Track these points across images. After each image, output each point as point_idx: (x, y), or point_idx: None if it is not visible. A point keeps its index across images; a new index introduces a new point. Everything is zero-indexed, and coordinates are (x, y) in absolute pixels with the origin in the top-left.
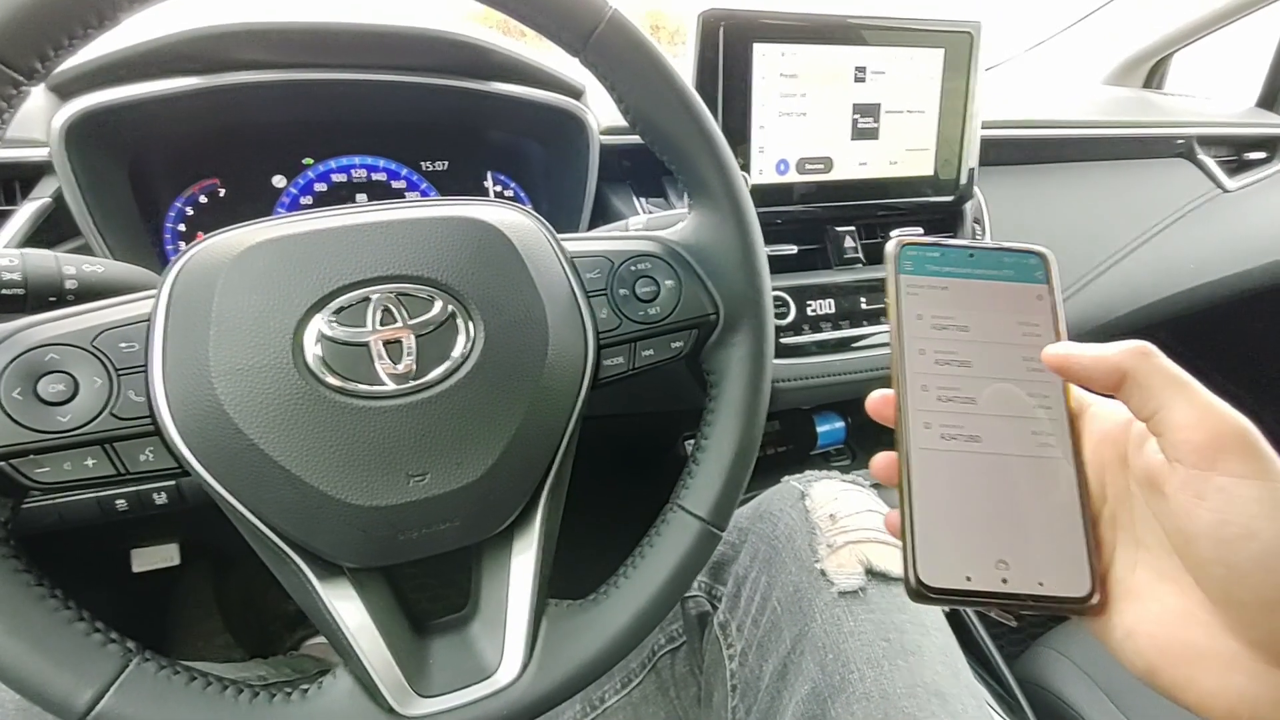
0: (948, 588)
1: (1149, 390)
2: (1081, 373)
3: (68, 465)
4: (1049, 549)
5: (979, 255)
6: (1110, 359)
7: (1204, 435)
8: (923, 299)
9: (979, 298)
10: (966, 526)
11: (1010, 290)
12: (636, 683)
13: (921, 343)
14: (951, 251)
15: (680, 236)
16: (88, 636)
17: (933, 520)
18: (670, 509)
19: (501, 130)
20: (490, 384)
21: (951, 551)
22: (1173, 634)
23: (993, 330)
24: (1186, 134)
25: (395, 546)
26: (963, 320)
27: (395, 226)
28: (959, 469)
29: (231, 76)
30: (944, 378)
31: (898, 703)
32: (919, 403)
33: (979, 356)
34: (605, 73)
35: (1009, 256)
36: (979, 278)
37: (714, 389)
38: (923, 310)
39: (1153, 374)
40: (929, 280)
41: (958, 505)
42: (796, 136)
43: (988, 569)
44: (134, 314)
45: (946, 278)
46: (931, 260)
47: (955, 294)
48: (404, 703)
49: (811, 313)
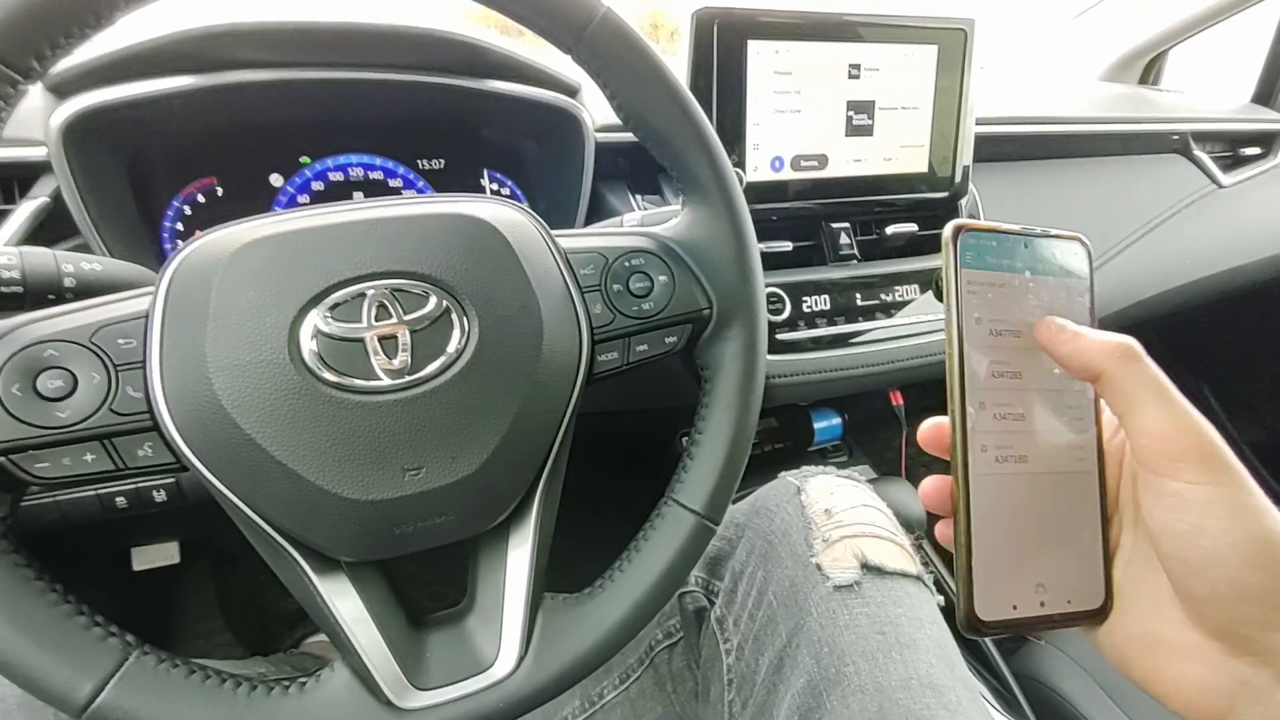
0: (998, 620)
1: (1122, 394)
2: (1060, 360)
3: (67, 460)
4: (1077, 565)
5: (1032, 245)
6: (1088, 357)
7: (1164, 445)
8: (980, 299)
9: (1030, 297)
10: (1016, 553)
11: (1057, 287)
12: (634, 678)
13: (980, 352)
14: (1008, 240)
15: (674, 232)
16: (88, 630)
17: (991, 551)
18: (665, 503)
19: (497, 128)
20: (485, 379)
21: (1002, 581)
22: (1143, 626)
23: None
24: (1182, 130)
25: (391, 540)
26: (1016, 324)
27: (390, 223)
28: (1010, 493)
29: (229, 76)
30: (999, 392)
31: (893, 695)
32: (978, 423)
33: (1028, 366)
34: (598, 70)
35: (1057, 247)
36: (1031, 271)
37: (708, 384)
38: (981, 313)
39: (1128, 379)
40: (987, 276)
41: (1010, 532)
42: (791, 133)
43: (1029, 594)
44: (132, 310)
45: (1002, 272)
46: (989, 251)
47: (1010, 293)
48: (401, 695)
49: (807, 309)
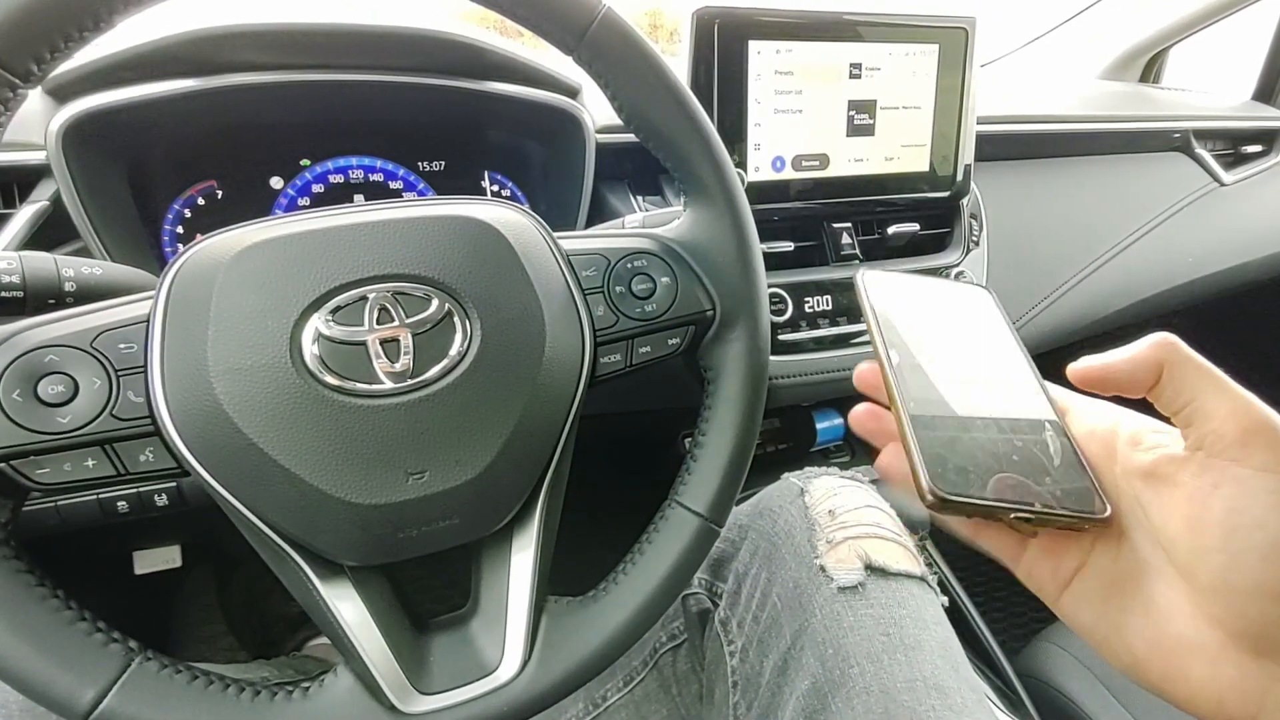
0: (959, 495)
1: (1181, 382)
2: (1121, 378)
3: (68, 466)
4: (1056, 475)
5: (934, 287)
6: (1147, 356)
7: (1235, 428)
8: (893, 310)
9: (941, 320)
10: (969, 445)
11: (969, 320)
12: (638, 680)
13: (901, 337)
14: (911, 282)
15: (676, 234)
16: (90, 636)
17: (935, 437)
18: (668, 505)
19: (498, 130)
20: (487, 382)
21: (957, 465)
22: (1161, 627)
23: (964, 345)
24: (1183, 128)
25: (395, 544)
26: (935, 329)
27: (391, 226)
28: (953, 394)
29: (228, 78)
30: (925, 359)
31: (897, 697)
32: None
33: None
34: (599, 70)
35: (960, 290)
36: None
37: (711, 385)
38: (894, 318)
39: (1184, 365)
40: (896, 302)
41: (956, 423)
42: (792, 133)
43: (998, 483)
44: (133, 315)
45: (911, 307)
46: (895, 288)
47: (920, 314)
48: (405, 700)
49: (809, 309)
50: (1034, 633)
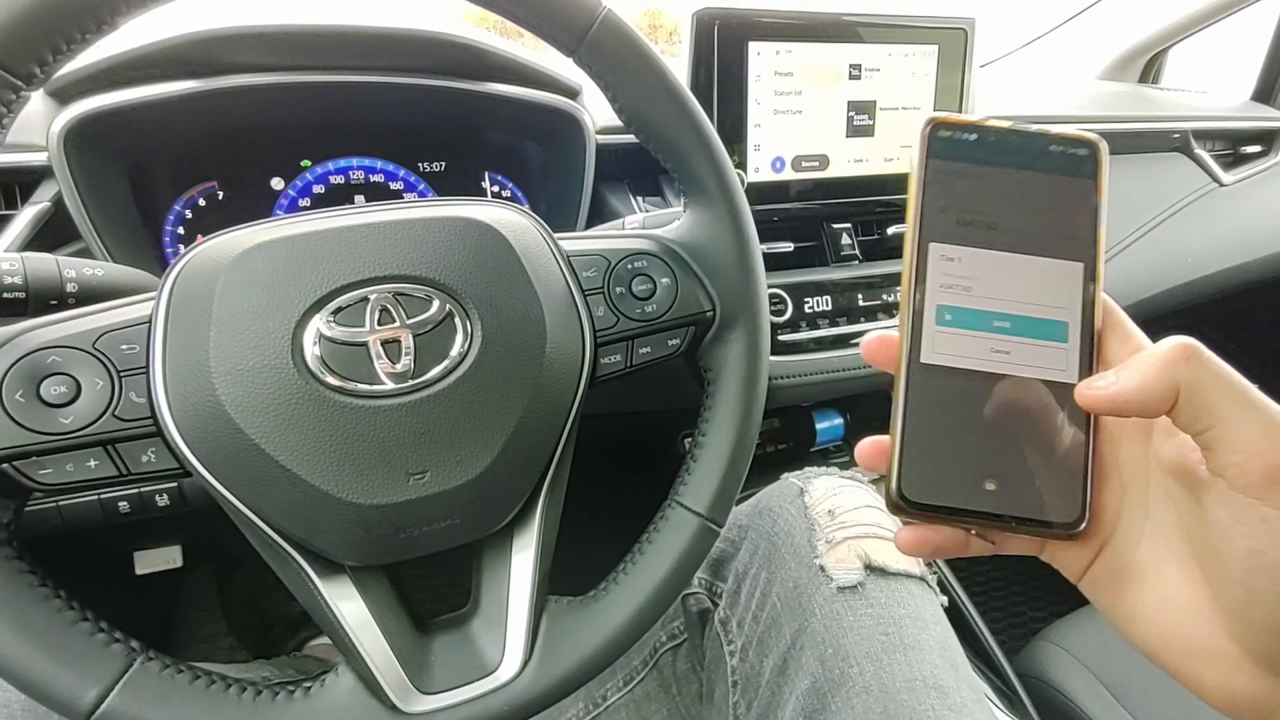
0: (927, 503)
1: (1200, 405)
2: (1135, 409)
3: (70, 467)
4: (1043, 473)
5: (1023, 141)
6: (1160, 382)
7: (1261, 465)
8: (948, 189)
9: (1013, 190)
10: (957, 445)
11: (1052, 185)
12: (638, 680)
13: (940, 242)
14: (991, 135)
15: (676, 234)
16: (92, 636)
17: (922, 435)
18: (669, 505)
19: (498, 131)
20: (488, 382)
21: (937, 468)
22: (1177, 627)
23: (1023, 233)
24: (1182, 128)
25: (396, 544)
26: (991, 216)
27: (392, 227)
28: (959, 385)
29: (229, 80)
30: (958, 285)
31: (897, 696)
32: (928, 314)
33: (1001, 265)
34: (599, 72)
35: (1057, 145)
36: (1019, 167)
37: (711, 386)
38: (949, 202)
39: (1204, 384)
40: (960, 167)
41: (951, 423)
42: (792, 134)
43: (973, 490)
44: (135, 316)
45: (979, 165)
46: (966, 145)
47: (987, 185)
48: (406, 699)
49: (809, 310)
50: (1033, 632)
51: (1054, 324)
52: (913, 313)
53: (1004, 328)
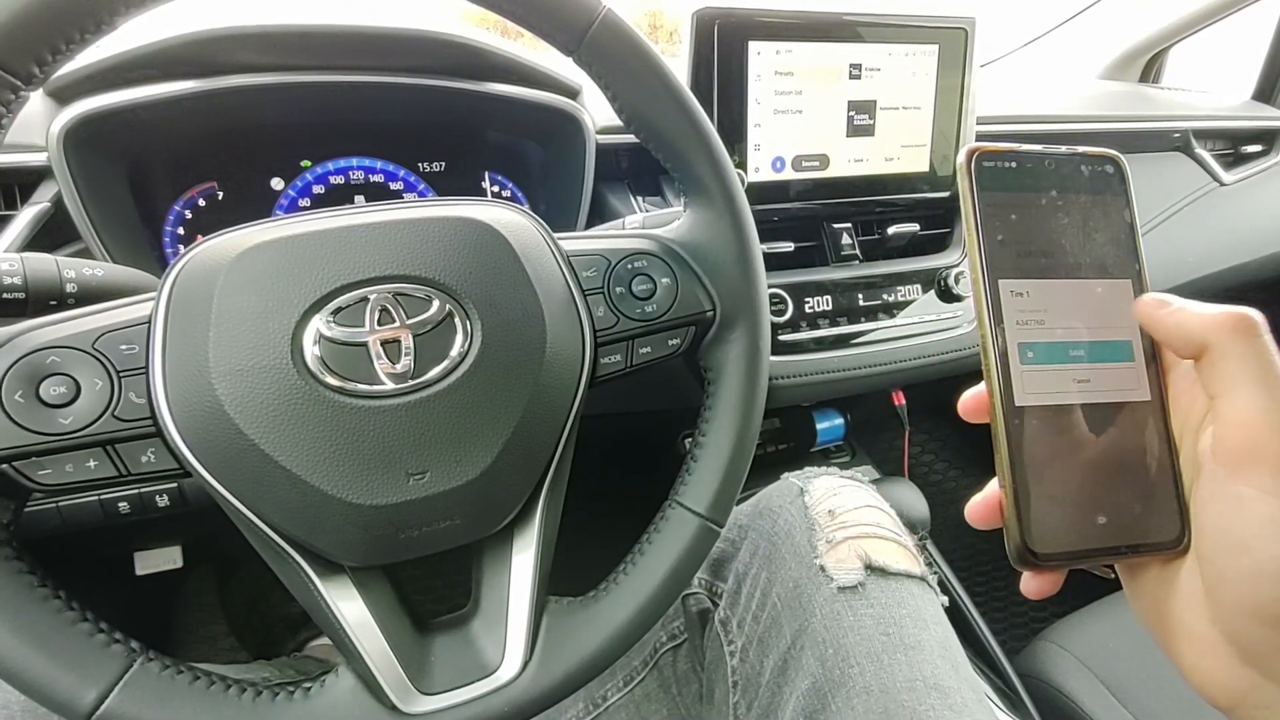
0: (1054, 553)
1: (1219, 370)
2: (1162, 333)
3: (70, 467)
4: (1143, 498)
5: (1057, 164)
6: (1193, 329)
7: (1242, 439)
8: (1004, 221)
9: (1060, 215)
10: (1068, 486)
11: (1090, 205)
12: (638, 680)
13: (1009, 278)
14: (1029, 161)
15: (676, 234)
16: (91, 637)
17: (1033, 483)
18: (669, 505)
19: (498, 131)
20: (488, 382)
21: (1055, 514)
22: (1167, 604)
23: (1075, 257)
24: (1183, 127)
25: (396, 545)
26: (1046, 245)
27: (392, 227)
28: (1055, 423)
29: (228, 80)
30: (1032, 320)
31: (898, 697)
32: (1013, 354)
33: (1064, 293)
34: (599, 72)
35: (1087, 165)
36: (1058, 190)
37: (711, 386)
38: (1006, 235)
39: (1231, 354)
40: (1008, 198)
41: (1056, 464)
42: (792, 134)
43: (1088, 528)
44: (134, 316)
45: (1025, 193)
46: (1008, 174)
47: (1036, 214)
48: (406, 700)
49: (809, 310)
50: (1034, 632)
51: (1121, 344)
52: (998, 355)
53: (1080, 356)
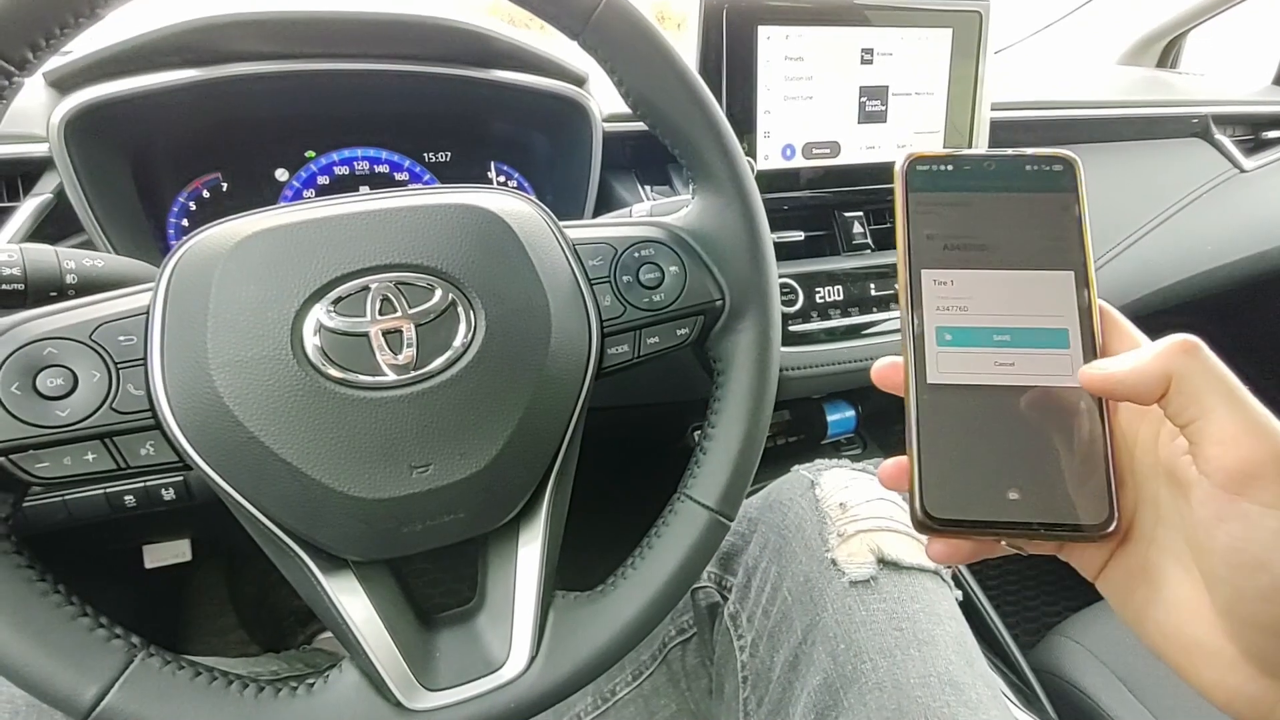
0: (953, 518)
1: (1189, 396)
2: (1127, 392)
3: (67, 460)
4: (1067, 478)
5: (1000, 165)
6: (1153, 368)
7: (1237, 457)
8: (936, 217)
9: (999, 213)
10: (976, 458)
11: (1033, 203)
12: (647, 674)
13: (931, 268)
14: (967, 163)
15: (684, 222)
16: (91, 632)
17: (939, 453)
18: (678, 498)
19: (504, 120)
20: (492, 373)
21: (958, 483)
22: (1179, 625)
23: (1011, 250)
24: (1202, 113)
25: (399, 539)
26: (979, 238)
27: (393, 214)
28: (969, 401)
29: (231, 68)
30: (954, 306)
31: (911, 693)
32: (929, 336)
33: (994, 282)
34: (605, 56)
35: (1031, 164)
36: (999, 190)
37: (721, 376)
38: (935, 229)
39: (1195, 376)
40: (941, 197)
41: (967, 438)
42: (803, 121)
43: (997, 501)
44: (132, 307)
45: (960, 193)
46: (945, 175)
47: (970, 210)
48: (410, 696)
49: (820, 300)
50: (1046, 626)
51: (1053, 331)
52: (913, 336)
53: (1004, 341)
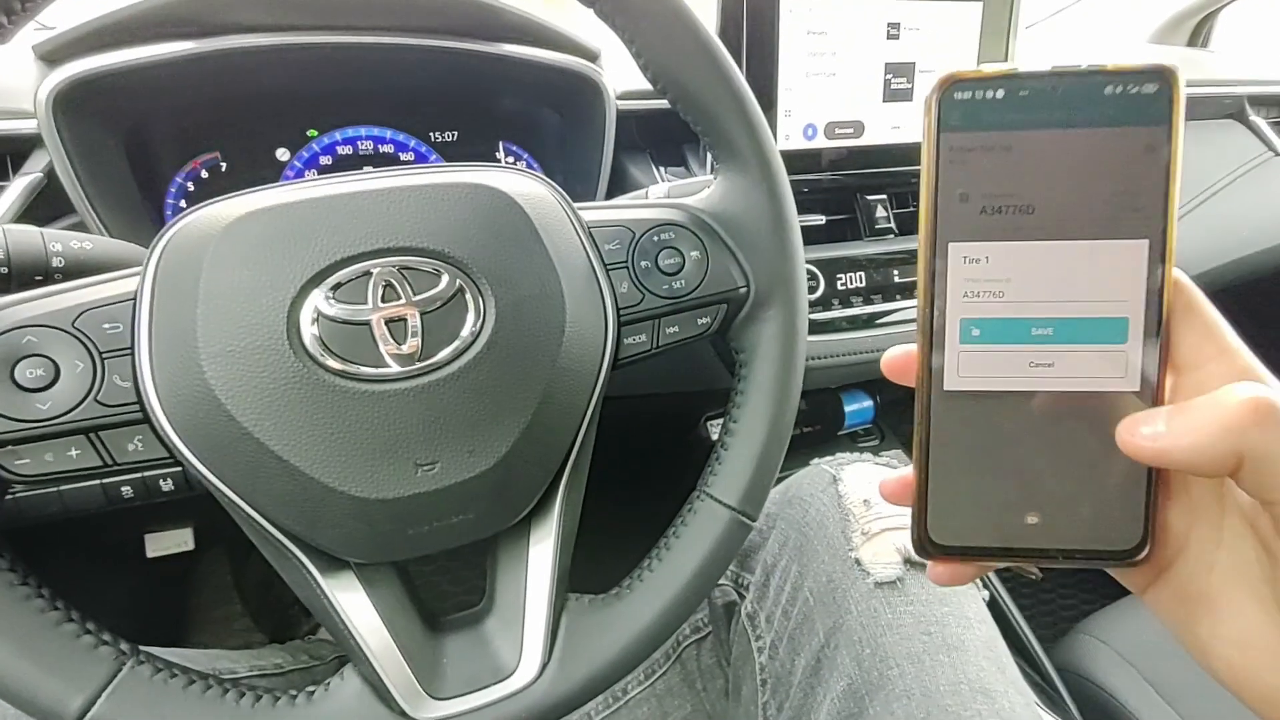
0: (957, 545)
1: (1272, 478)
2: (1184, 468)
3: (49, 456)
4: (1097, 500)
5: (1068, 89)
6: (1220, 445)
7: None
8: (973, 169)
9: (1059, 159)
10: (994, 480)
11: (1107, 143)
12: (661, 673)
13: (961, 240)
14: (1024, 86)
15: (706, 204)
16: (78, 639)
17: (950, 472)
18: (698, 497)
19: (514, 97)
20: (503, 365)
21: (970, 507)
22: (1259, 672)
23: (1070, 213)
24: (1236, 94)
25: (404, 541)
26: (1028, 197)
27: (397, 194)
28: (992, 411)
29: (229, 40)
30: (987, 291)
31: (940, 701)
32: (950, 332)
33: (1042, 258)
34: (622, 24)
35: (1113, 84)
36: (1061, 125)
37: (743, 369)
38: (971, 186)
39: (1275, 455)
40: (987, 138)
41: (985, 455)
42: (825, 99)
43: (1014, 526)
44: (118, 292)
45: (1010, 131)
46: (992, 106)
47: (1019, 157)
48: (416, 705)
49: (841, 287)
50: (1062, 620)
51: (1109, 322)
52: (931, 331)
53: (1045, 335)
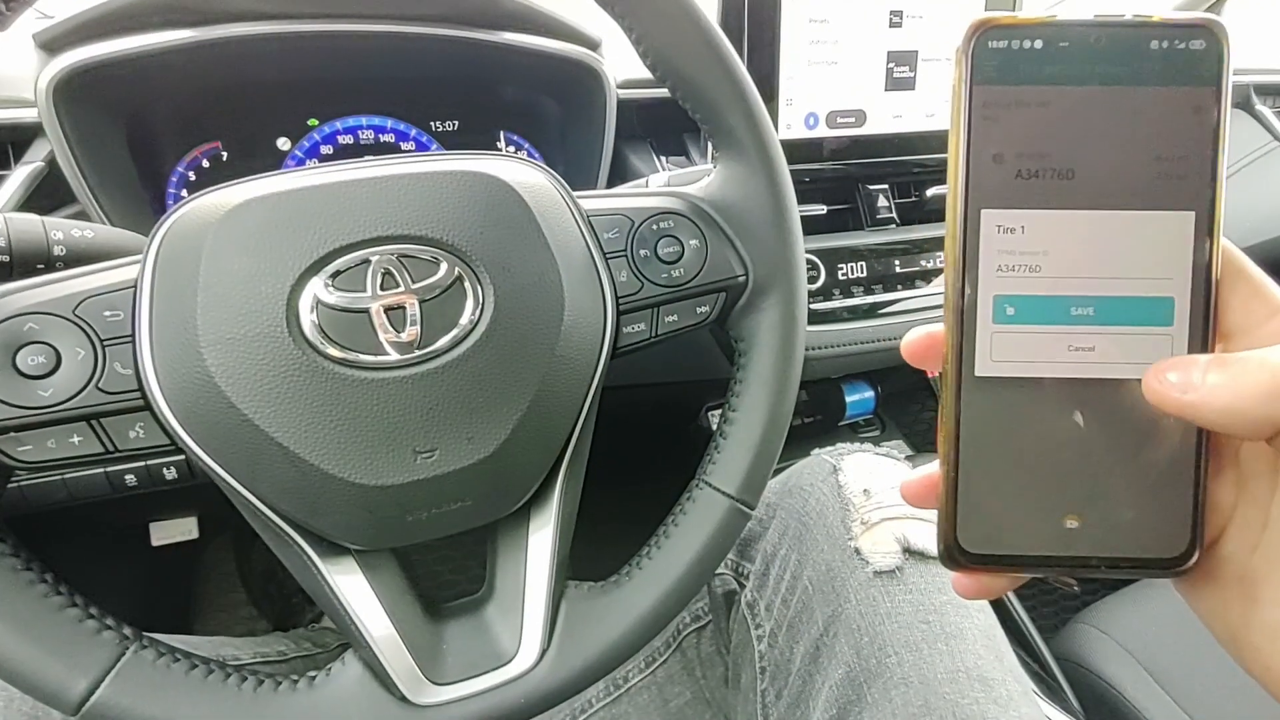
0: (992, 554)
1: None
2: (1215, 426)
3: (51, 443)
4: (1141, 501)
5: (1111, 41)
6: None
7: None
8: (1008, 127)
9: (1101, 119)
10: (1030, 478)
11: (1151, 101)
12: (661, 661)
13: (996, 207)
14: (1064, 37)
15: (706, 193)
16: (81, 623)
17: (981, 470)
18: (697, 485)
19: (514, 86)
20: (502, 353)
21: (1004, 510)
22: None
23: (1112, 179)
24: (1242, 82)
25: (403, 528)
26: (1067, 160)
27: (397, 182)
28: (1027, 400)
29: (230, 28)
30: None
31: (938, 689)
32: (982, 310)
33: (1082, 228)
34: (622, 11)
35: (1159, 39)
36: (1102, 81)
37: (743, 357)
38: (1005, 146)
39: None
40: (1023, 94)
41: (1019, 450)
42: (827, 87)
43: (1052, 532)
44: (119, 280)
45: (1048, 85)
46: (1029, 58)
47: (1057, 115)
48: (416, 691)
49: (842, 277)
50: (1063, 611)
51: (1153, 302)
52: (962, 310)
53: (1085, 315)
